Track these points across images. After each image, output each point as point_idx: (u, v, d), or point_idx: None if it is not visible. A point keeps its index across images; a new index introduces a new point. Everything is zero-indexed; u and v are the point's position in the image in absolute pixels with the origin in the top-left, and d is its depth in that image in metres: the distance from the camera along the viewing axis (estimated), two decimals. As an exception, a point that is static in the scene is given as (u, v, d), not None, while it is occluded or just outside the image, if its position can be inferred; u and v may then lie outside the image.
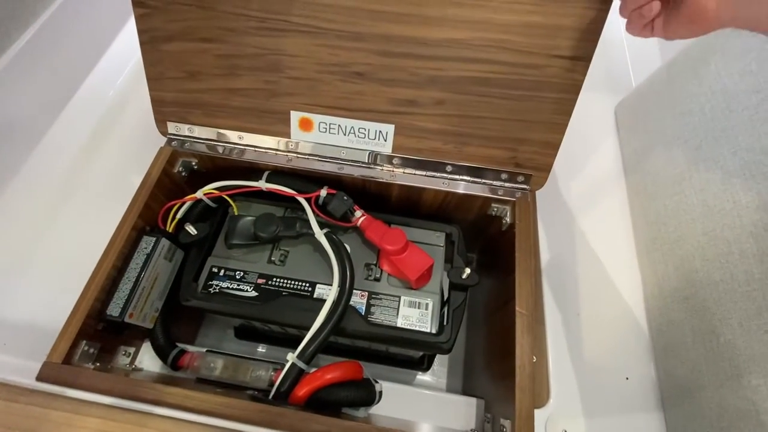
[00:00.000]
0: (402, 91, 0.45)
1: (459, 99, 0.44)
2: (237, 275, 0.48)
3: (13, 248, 0.59)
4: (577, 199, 0.64)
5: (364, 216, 0.49)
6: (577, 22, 0.39)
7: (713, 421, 0.43)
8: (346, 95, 0.46)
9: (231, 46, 0.46)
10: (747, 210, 0.44)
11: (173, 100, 0.51)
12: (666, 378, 0.51)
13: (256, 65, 0.46)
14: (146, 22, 0.46)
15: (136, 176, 0.52)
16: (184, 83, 0.49)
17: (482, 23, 0.40)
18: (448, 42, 0.41)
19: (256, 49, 0.45)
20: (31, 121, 0.67)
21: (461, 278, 0.46)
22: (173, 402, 0.37)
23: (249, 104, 0.49)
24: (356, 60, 0.44)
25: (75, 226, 0.60)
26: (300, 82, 0.46)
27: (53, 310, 0.53)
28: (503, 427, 0.40)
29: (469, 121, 0.45)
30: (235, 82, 0.48)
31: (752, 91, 0.47)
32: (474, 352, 0.62)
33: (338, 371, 0.43)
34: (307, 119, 0.49)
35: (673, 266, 0.52)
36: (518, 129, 0.45)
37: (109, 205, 0.50)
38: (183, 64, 0.48)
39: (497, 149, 0.47)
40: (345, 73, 0.45)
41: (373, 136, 0.48)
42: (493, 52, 0.41)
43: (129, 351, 0.49)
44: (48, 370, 0.38)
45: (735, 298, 0.43)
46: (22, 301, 0.55)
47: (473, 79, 0.43)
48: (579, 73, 0.42)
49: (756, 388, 0.39)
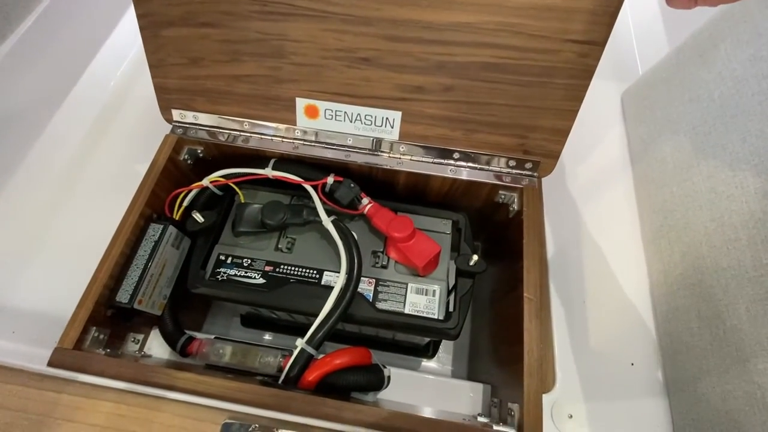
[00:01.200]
0: (409, 77, 0.44)
1: (467, 85, 0.43)
2: (244, 263, 0.48)
3: (18, 238, 0.59)
4: (583, 187, 0.64)
5: (371, 203, 0.49)
6: (593, 5, 0.38)
7: (718, 405, 0.44)
8: (352, 81, 0.45)
9: (233, 31, 0.45)
10: (755, 196, 0.44)
11: (177, 87, 0.50)
12: (671, 364, 0.51)
13: (259, 51, 0.46)
14: (144, 7, 0.44)
15: (141, 164, 0.51)
16: (187, 69, 0.49)
17: (493, 6, 0.39)
18: (456, 26, 0.40)
19: (259, 35, 0.45)
20: (33, 110, 0.66)
21: (469, 265, 0.46)
22: (185, 387, 0.37)
23: (253, 91, 0.49)
24: (362, 45, 0.43)
25: (81, 216, 0.60)
26: (305, 68, 0.46)
27: (60, 299, 0.53)
28: (511, 410, 0.40)
29: (478, 108, 0.45)
30: (238, 68, 0.47)
31: (762, 77, 0.46)
32: (479, 338, 0.62)
33: (348, 356, 0.43)
34: (313, 106, 0.48)
35: (679, 253, 0.52)
36: (527, 115, 0.45)
37: (115, 194, 0.50)
38: (185, 50, 0.47)
39: (505, 136, 0.46)
40: (351, 58, 0.44)
41: (379, 123, 0.47)
42: (504, 36, 0.40)
43: (138, 338, 0.49)
44: (59, 356, 0.39)
45: (742, 284, 0.43)
46: (28, 289, 0.56)
47: (482, 64, 0.42)
48: (593, 58, 0.41)
49: (763, 371, 0.40)
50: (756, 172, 0.44)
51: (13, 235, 0.59)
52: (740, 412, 0.41)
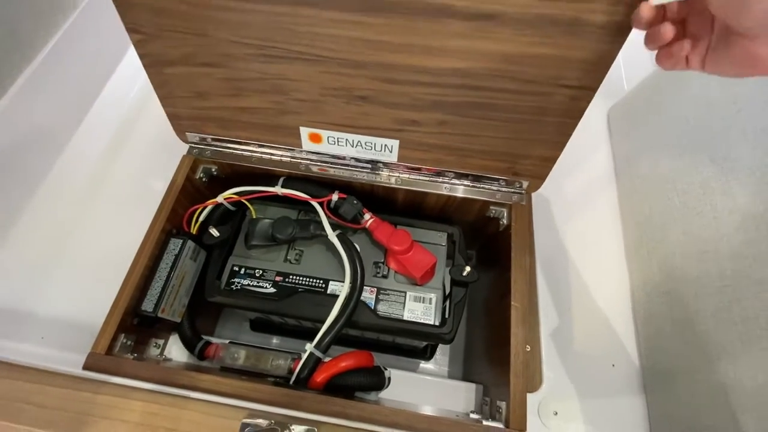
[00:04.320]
0: (405, 113, 0.46)
1: (461, 121, 0.46)
2: (256, 273, 0.53)
3: (43, 249, 0.64)
4: (571, 200, 0.69)
5: (372, 218, 0.53)
6: (588, 55, 0.38)
7: (687, 401, 0.48)
8: (351, 115, 0.48)
9: (234, 71, 0.46)
10: (722, 213, 0.48)
11: (187, 115, 0.53)
12: (648, 365, 0.55)
13: (260, 88, 0.47)
14: (145, 47, 0.45)
15: (157, 179, 0.55)
16: (194, 101, 0.50)
17: (487, 54, 0.39)
18: (450, 71, 0.41)
19: (259, 74, 0.45)
20: (55, 128, 0.71)
21: (462, 275, 0.51)
22: (207, 387, 0.41)
23: (259, 120, 0.51)
24: (359, 86, 0.44)
25: (101, 228, 0.65)
26: (306, 103, 0.47)
27: (84, 307, 0.58)
28: (499, 408, 0.44)
29: (470, 138, 0.47)
30: (242, 101, 0.49)
31: (730, 102, 0.51)
32: (473, 342, 0.66)
33: (352, 359, 0.48)
34: (316, 134, 0.51)
35: (656, 263, 0.57)
36: (518, 146, 0.47)
37: (133, 207, 0.54)
38: (190, 86, 0.48)
39: (497, 161, 0.50)
40: (349, 96, 0.46)
41: (379, 149, 0.51)
42: (498, 81, 0.41)
43: (159, 343, 0.53)
44: (93, 360, 0.43)
45: (710, 293, 0.47)
46: (55, 298, 0.60)
47: (476, 104, 0.44)
48: (584, 101, 0.41)
49: (725, 371, 0.44)
50: (722, 191, 0.48)
51: (38, 247, 0.64)
52: (706, 408, 0.46)
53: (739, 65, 0.30)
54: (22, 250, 0.63)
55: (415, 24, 0.37)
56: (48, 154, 0.69)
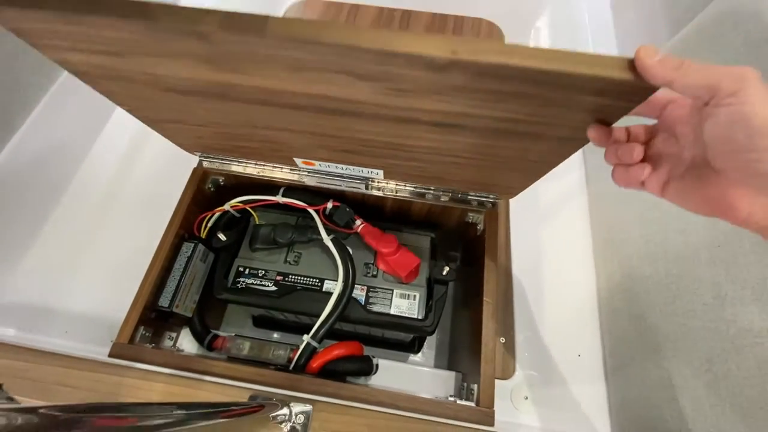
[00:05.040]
0: (387, 160, 0.49)
1: (440, 168, 0.49)
2: (260, 273, 0.59)
3: (66, 252, 0.70)
4: (546, 205, 0.75)
5: (363, 224, 0.60)
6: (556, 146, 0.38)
7: (639, 387, 0.54)
8: (339, 154, 0.51)
9: (224, 127, 0.47)
10: (670, 218, 0.55)
11: (188, 143, 0.56)
12: (609, 355, 0.62)
13: (252, 139, 0.49)
14: (136, 114, 0.48)
15: (169, 186, 0.60)
16: (191, 134, 0.52)
17: (458, 141, 0.40)
18: (426, 149, 0.43)
19: (249, 129, 0.46)
20: (76, 141, 0.77)
21: (441, 275, 0.57)
22: (218, 372, 0.48)
23: (254, 152, 0.55)
24: (342, 147, 0.47)
25: (118, 233, 0.71)
26: (294, 145, 0.50)
27: (103, 304, 0.64)
28: (472, 390, 0.51)
29: (451, 173, 0.50)
30: (235, 140, 0.52)
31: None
32: (456, 335, 0.73)
33: (344, 348, 0.54)
34: (309, 161, 0.56)
35: (618, 263, 0.63)
36: (497, 177, 0.49)
37: (147, 211, 0.60)
38: (181, 127, 0.50)
39: (475, 185, 0.55)
40: (334, 149, 0.49)
41: (366, 174, 0.56)
42: (470, 153, 0.42)
43: (172, 335, 0.60)
44: (117, 349, 0.49)
45: (659, 289, 0.54)
46: (77, 295, 0.67)
47: (453, 163, 0.46)
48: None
49: (670, 359, 0.51)
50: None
51: (61, 250, 0.70)
52: (654, 392, 0.52)
53: (710, 207, 0.27)
54: (48, 253, 0.70)
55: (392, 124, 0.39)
56: (70, 165, 0.75)
